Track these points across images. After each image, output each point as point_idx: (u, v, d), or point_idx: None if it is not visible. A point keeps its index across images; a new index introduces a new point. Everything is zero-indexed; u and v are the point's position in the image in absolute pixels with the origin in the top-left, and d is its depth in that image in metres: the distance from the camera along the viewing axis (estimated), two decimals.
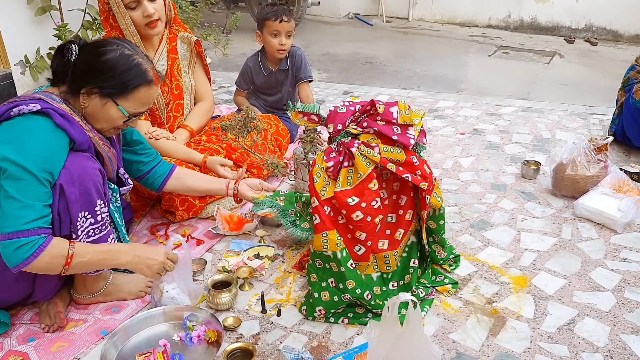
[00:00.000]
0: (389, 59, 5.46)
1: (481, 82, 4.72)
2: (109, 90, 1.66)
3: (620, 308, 1.85)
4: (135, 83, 1.68)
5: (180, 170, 2.13)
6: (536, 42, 6.18)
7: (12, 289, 1.67)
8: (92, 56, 1.65)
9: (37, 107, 1.55)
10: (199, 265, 2.05)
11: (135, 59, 1.68)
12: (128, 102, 1.69)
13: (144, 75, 1.69)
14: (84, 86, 1.65)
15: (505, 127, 3.41)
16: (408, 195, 1.86)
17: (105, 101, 1.67)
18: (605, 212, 2.29)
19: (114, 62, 1.65)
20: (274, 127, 2.81)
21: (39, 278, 1.67)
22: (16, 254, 1.48)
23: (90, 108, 1.68)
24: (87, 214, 1.63)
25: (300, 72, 3.02)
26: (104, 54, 1.65)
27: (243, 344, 1.63)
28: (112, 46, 1.67)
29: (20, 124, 1.54)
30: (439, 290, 1.92)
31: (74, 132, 1.61)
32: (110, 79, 1.65)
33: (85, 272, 1.70)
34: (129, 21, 2.30)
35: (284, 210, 2.00)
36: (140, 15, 2.29)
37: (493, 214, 2.43)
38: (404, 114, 1.80)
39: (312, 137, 2.03)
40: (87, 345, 1.69)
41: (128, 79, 1.66)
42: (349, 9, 7.41)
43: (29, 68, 3.96)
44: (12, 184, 1.49)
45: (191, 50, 2.58)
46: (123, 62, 1.66)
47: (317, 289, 1.79)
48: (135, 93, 1.69)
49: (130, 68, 1.66)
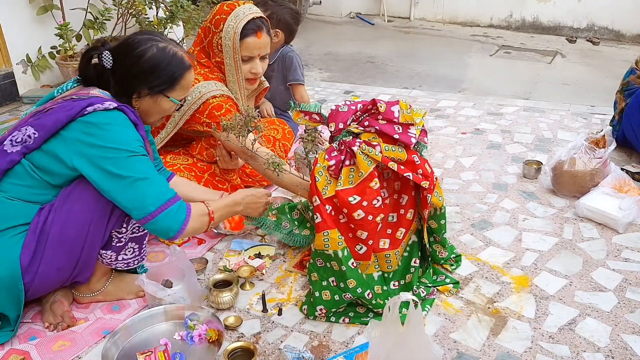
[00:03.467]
0: (390, 58, 5.46)
1: (483, 81, 4.71)
2: (159, 87, 1.70)
3: (621, 308, 1.84)
4: (180, 73, 1.72)
5: (178, 180, 2.12)
6: (538, 41, 6.17)
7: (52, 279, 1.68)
8: (132, 59, 1.67)
9: (113, 105, 1.59)
10: (200, 265, 2.05)
11: (171, 49, 1.71)
12: (176, 91, 1.75)
13: (183, 62, 1.73)
14: (135, 90, 1.70)
15: (506, 126, 3.41)
16: (409, 194, 1.86)
17: (157, 98, 1.72)
18: (606, 212, 2.29)
19: (155, 59, 1.67)
20: (281, 133, 2.78)
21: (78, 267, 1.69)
22: (174, 221, 1.60)
23: (143, 107, 1.74)
24: None
25: (289, 74, 3.01)
26: (143, 54, 1.67)
27: (244, 343, 1.63)
28: (145, 44, 1.68)
29: (104, 117, 1.58)
30: (440, 290, 1.92)
31: (141, 130, 1.68)
32: (158, 77, 1.69)
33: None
34: (241, 75, 2.32)
35: (276, 225, 2.03)
36: (247, 70, 2.32)
37: (494, 213, 2.43)
38: (406, 113, 1.79)
39: (314, 137, 2.03)
40: (89, 344, 1.69)
41: (173, 71, 1.71)
42: (350, 9, 7.40)
43: (31, 67, 3.96)
44: (131, 167, 1.56)
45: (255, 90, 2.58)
46: (163, 57, 1.69)
47: (318, 288, 1.79)
48: (182, 81, 1.74)
49: (171, 60, 1.70)
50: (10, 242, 1.59)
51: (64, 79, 3.98)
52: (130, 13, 4.19)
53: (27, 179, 1.61)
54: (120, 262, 1.76)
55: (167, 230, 1.62)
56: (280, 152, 2.70)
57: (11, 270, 1.58)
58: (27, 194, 1.62)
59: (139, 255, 1.80)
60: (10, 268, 1.58)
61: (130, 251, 1.76)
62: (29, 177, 1.61)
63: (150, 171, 1.61)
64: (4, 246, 1.58)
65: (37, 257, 1.60)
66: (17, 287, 1.60)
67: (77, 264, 1.68)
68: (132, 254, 1.77)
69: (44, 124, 1.59)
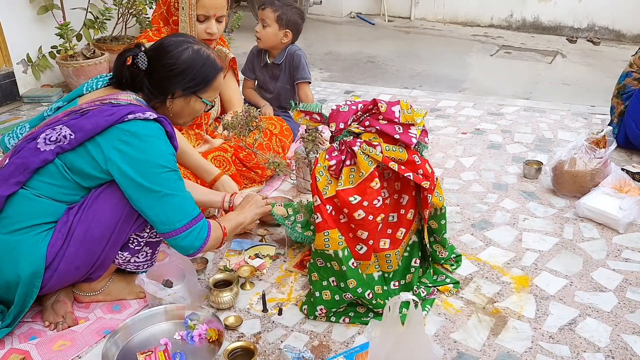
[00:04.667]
0: (391, 58, 5.45)
1: (483, 81, 4.71)
2: (193, 88, 1.73)
3: (621, 308, 1.84)
4: (213, 75, 1.76)
5: None
6: (538, 41, 6.16)
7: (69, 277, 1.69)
8: (168, 61, 1.69)
9: (153, 116, 1.62)
10: (200, 264, 2.05)
11: (204, 52, 1.74)
12: (208, 92, 1.78)
13: (216, 65, 1.76)
14: (169, 92, 1.71)
15: (507, 126, 3.41)
16: (409, 194, 1.86)
17: (190, 98, 1.75)
18: (607, 212, 2.29)
19: (190, 61, 1.70)
20: (278, 128, 2.80)
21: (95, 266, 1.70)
22: (197, 238, 1.65)
23: (176, 108, 1.76)
24: None
25: (297, 72, 3.02)
26: (179, 56, 1.69)
27: (244, 343, 1.63)
28: (180, 46, 1.70)
29: (144, 128, 1.60)
30: (440, 290, 1.92)
31: (175, 140, 1.70)
32: (192, 78, 1.72)
33: None
34: (195, 34, 2.32)
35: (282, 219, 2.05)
36: (203, 30, 2.34)
37: (494, 213, 2.43)
38: (406, 113, 1.79)
39: (314, 136, 2.03)
40: (89, 344, 1.69)
41: (207, 73, 1.74)
42: (351, 9, 7.40)
43: (31, 67, 3.96)
44: (163, 182, 1.59)
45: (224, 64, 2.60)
46: (198, 59, 1.72)
47: (319, 288, 1.79)
48: (214, 83, 1.77)
49: (205, 62, 1.73)
50: (36, 239, 1.59)
51: (64, 79, 3.98)
52: (131, 13, 4.19)
53: (59, 178, 1.61)
54: (132, 264, 1.77)
55: (188, 248, 1.66)
56: (276, 147, 2.71)
57: (36, 268, 1.59)
58: (56, 193, 1.62)
59: (150, 260, 1.81)
60: (36, 265, 1.59)
61: (143, 255, 1.77)
62: (61, 177, 1.61)
63: (180, 188, 1.64)
64: (30, 243, 1.59)
65: (59, 255, 1.61)
66: (34, 283, 1.60)
67: (95, 264, 1.69)
68: (145, 258, 1.78)
69: (83, 126, 1.59)
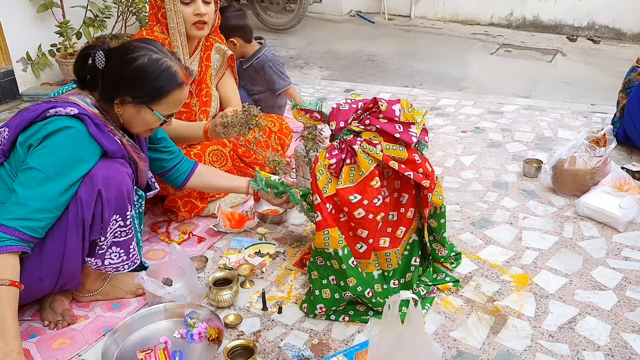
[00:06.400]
0: (391, 56, 5.45)
1: (483, 80, 4.70)
2: (142, 98, 1.65)
3: (621, 307, 1.84)
4: (168, 88, 1.67)
5: (203, 168, 2.14)
6: (538, 40, 6.16)
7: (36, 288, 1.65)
8: (122, 64, 1.63)
9: (74, 111, 1.54)
10: (200, 263, 2.05)
11: (164, 62, 1.66)
12: (162, 106, 1.69)
13: (174, 79, 1.67)
14: (117, 96, 1.65)
15: (507, 125, 3.40)
16: (409, 193, 1.86)
17: (140, 108, 1.67)
18: (607, 211, 2.29)
19: (144, 69, 1.62)
20: (278, 126, 2.80)
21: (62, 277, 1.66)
22: None
23: (126, 115, 1.69)
24: (119, 217, 1.65)
25: (274, 85, 3.00)
26: (133, 61, 1.62)
27: (244, 342, 1.63)
28: (140, 51, 1.64)
29: (60, 124, 1.53)
30: (440, 289, 1.92)
31: (106, 141, 1.61)
32: (143, 87, 1.64)
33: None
34: (181, 20, 2.30)
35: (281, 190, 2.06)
36: (191, 13, 2.30)
37: (494, 212, 2.43)
38: (407, 111, 1.79)
39: (314, 135, 2.03)
40: (89, 342, 1.69)
41: (160, 85, 1.65)
42: (351, 7, 7.39)
43: (31, 65, 3.96)
44: (25, 174, 1.50)
45: (223, 62, 2.60)
46: (153, 68, 1.63)
47: (318, 286, 1.79)
48: (168, 97, 1.68)
49: (161, 73, 1.64)
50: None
51: (64, 77, 3.98)
52: (131, 11, 4.19)
53: (10, 183, 1.57)
54: (108, 267, 1.72)
55: None
56: (275, 145, 2.71)
57: None
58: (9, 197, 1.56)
59: (128, 259, 1.75)
60: None
61: (115, 256, 1.71)
62: (11, 181, 1.57)
63: (33, 194, 1.49)
64: None
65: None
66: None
67: (61, 274, 1.64)
68: (119, 258, 1.72)
69: (11, 124, 1.57)
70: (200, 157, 2.34)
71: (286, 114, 3.29)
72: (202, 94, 2.50)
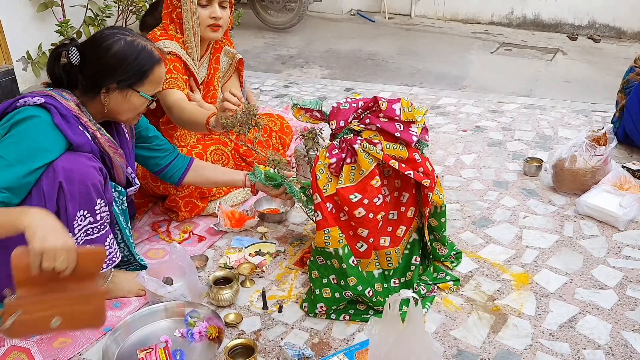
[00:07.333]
0: (391, 55, 5.45)
1: (483, 79, 4.71)
2: (127, 81, 1.67)
3: (622, 306, 1.84)
4: (149, 66, 1.70)
5: (198, 163, 2.14)
6: (539, 39, 6.16)
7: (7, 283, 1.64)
8: (99, 54, 1.64)
9: (40, 101, 1.55)
10: (200, 262, 2.05)
11: (139, 43, 1.69)
12: (146, 86, 1.72)
13: (153, 56, 1.71)
14: (102, 85, 1.66)
15: (507, 124, 3.40)
16: (410, 192, 1.86)
17: (126, 92, 1.69)
18: (607, 210, 2.29)
19: (123, 53, 1.65)
20: (279, 125, 2.80)
21: None
22: None
23: (112, 104, 1.69)
24: (86, 213, 1.62)
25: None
26: (110, 48, 1.64)
27: (244, 340, 1.63)
28: (113, 37, 1.66)
29: (26, 113, 1.54)
30: (441, 288, 1.92)
31: (72, 134, 1.59)
32: (125, 70, 1.66)
33: None
34: (196, 21, 2.31)
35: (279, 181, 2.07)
36: (207, 15, 2.32)
37: (495, 211, 2.43)
38: (407, 111, 1.79)
39: (314, 134, 2.03)
40: (89, 341, 1.69)
41: (142, 65, 1.68)
42: (351, 6, 7.39)
43: (31, 64, 3.95)
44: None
45: (231, 65, 2.61)
46: (131, 50, 1.66)
47: (319, 285, 1.79)
48: (151, 75, 1.71)
49: (139, 53, 1.67)
50: None
51: None
52: (131, 10, 4.18)
53: None
54: None
55: None
56: (276, 144, 2.71)
57: None
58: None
59: (106, 257, 1.69)
60: None
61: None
62: None
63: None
64: None
65: None
66: None
67: None
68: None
69: None
70: (202, 157, 2.35)
71: (286, 114, 3.28)
72: (209, 95, 2.51)
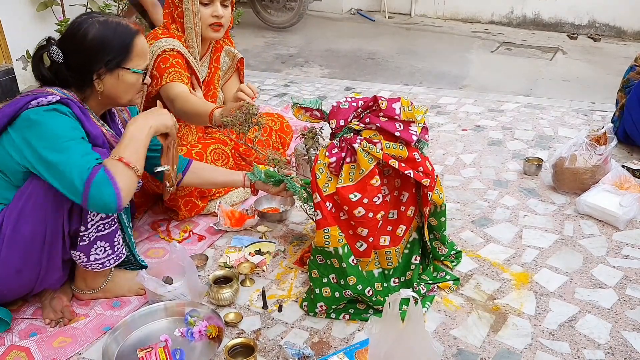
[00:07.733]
0: (391, 55, 5.45)
1: (484, 78, 4.70)
2: (114, 61, 1.66)
3: (621, 305, 1.84)
4: (130, 39, 1.68)
5: (197, 164, 2.14)
6: (539, 38, 6.16)
7: (14, 282, 1.66)
8: (78, 43, 1.64)
9: (56, 98, 1.56)
10: (200, 261, 2.05)
11: (112, 20, 1.68)
12: (134, 60, 1.70)
13: (129, 29, 1.69)
14: (92, 73, 1.66)
15: (507, 123, 3.40)
16: (410, 191, 1.86)
17: (117, 72, 1.68)
18: (607, 209, 2.29)
19: (100, 34, 1.64)
20: (279, 124, 2.80)
21: (43, 269, 1.66)
22: (105, 194, 1.48)
23: (107, 88, 1.69)
24: None
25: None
26: (87, 34, 1.63)
27: (244, 340, 1.63)
28: (86, 23, 1.65)
29: (46, 111, 1.54)
30: (440, 287, 1.92)
31: (89, 125, 1.63)
32: (109, 50, 1.65)
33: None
34: (198, 20, 2.31)
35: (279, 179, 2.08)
36: (209, 14, 2.31)
37: (495, 210, 2.43)
38: (407, 110, 1.79)
39: (314, 133, 2.03)
40: (89, 340, 1.70)
41: (122, 40, 1.67)
42: (351, 5, 7.39)
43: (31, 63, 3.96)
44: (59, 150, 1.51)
45: (232, 64, 2.61)
46: (108, 29, 1.65)
47: (319, 284, 1.79)
48: (134, 48, 1.69)
49: (115, 30, 1.66)
50: None
51: None
52: None
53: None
54: (94, 263, 1.70)
55: (106, 207, 1.51)
56: (276, 144, 2.71)
57: None
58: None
59: (114, 253, 1.74)
60: None
61: (101, 250, 1.69)
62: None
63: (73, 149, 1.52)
64: None
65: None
66: None
67: (40, 266, 1.64)
68: (104, 253, 1.71)
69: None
70: (202, 156, 2.34)
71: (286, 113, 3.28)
72: (209, 94, 2.51)
